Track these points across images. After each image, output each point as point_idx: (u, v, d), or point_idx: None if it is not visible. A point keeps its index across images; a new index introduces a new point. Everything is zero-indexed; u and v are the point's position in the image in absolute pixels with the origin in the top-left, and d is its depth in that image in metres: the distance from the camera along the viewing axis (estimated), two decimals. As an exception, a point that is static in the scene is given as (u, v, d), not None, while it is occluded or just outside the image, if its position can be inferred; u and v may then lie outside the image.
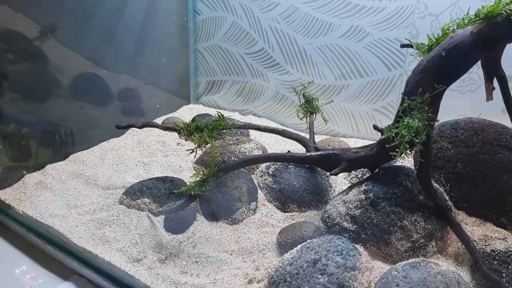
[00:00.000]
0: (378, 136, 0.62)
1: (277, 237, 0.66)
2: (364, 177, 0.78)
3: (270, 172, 0.80)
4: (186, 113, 1.26)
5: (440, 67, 0.56)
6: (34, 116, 0.90)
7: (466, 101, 0.91)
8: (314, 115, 0.87)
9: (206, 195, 0.73)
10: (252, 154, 0.87)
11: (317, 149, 0.78)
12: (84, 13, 0.95)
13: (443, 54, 0.54)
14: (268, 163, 0.83)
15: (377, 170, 0.69)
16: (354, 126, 1.09)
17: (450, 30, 0.58)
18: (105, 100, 1.07)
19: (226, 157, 0.85)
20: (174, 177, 0.81)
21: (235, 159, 0.83)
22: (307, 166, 0.80)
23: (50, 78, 0.92)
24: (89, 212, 0.76)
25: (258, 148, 0.90)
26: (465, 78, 0.89)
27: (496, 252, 0.58)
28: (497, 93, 0.66)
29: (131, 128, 1.08)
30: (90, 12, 0.97)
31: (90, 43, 0.99)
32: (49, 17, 0.89)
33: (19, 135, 0.87)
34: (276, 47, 1.15)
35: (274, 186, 0.78)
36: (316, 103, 0.87)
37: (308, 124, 0.86)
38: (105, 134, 1.05)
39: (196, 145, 0.71)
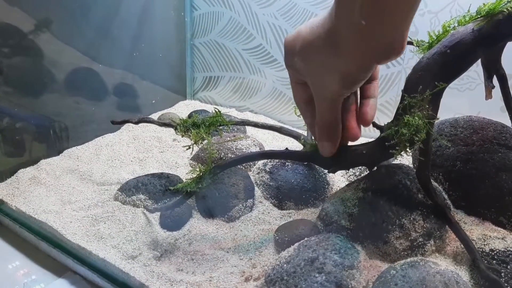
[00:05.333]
0: (376, 134, 0.61)
1: (274, 235, 0.66)
2: (362, 175, 0.77)
3: (267, 169, 0.80)
4: (182, 109, 1.25)
5: (441, 65, 0.55)
6: (28, 111, 0.89)
7: (464, 99, 0.90)
8: (312, 112, 0.86)
9: (203, 192, 0.72)
10: (249, 151, 0.86)
11: (315, 147, 0.77)
12: (80, 7, 0.94)
13: (448, 51, 0.54)
14: (265, 160, 0.82)
15: (376, 168, 0.68)
16: (351, 123, 1.08)
17: (451, 27, 0.58)
18: (101, 95, 1.06)
19: (222, 153, 0.85)
20: (170, 174, 0.80)
21: (232, 156, 0.83)
22: (305, 163, 0.79)
23: (45, 72, 0.91)
24: (84, 208, 0.75)
25: (255, 145, 0.89)
26: (463, 76, 0.87)
27: (495, 252, 0.57)
28: (495, 91, 0.65)
29: (127, 124, 1.07)
30: (86, 6, 0.95)
31: (85, 37, 0.98)
32: (45, 11, 0.87)
33: (13, 130, 0.86)
34: (274, 43, 1.14)
35: (271, 183, 0.77)
36: (314, 100, 0.86)
37: (306, 121, 0.85)
38: (100, 129, 1.04)
39: (192, 141, 0.70)
